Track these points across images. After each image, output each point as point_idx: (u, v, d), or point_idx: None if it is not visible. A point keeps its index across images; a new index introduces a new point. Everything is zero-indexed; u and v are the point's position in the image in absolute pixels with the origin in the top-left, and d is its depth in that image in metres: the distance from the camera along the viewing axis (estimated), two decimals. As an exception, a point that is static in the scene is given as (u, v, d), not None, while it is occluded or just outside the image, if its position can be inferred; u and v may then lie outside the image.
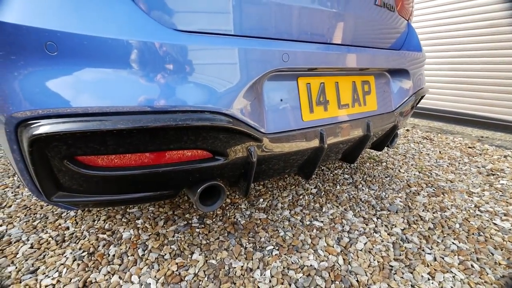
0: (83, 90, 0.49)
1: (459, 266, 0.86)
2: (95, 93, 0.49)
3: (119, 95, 0.49)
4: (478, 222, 1.09)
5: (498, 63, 2.43)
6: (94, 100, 0.49)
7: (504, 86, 2.41)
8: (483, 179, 1.50)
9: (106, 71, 0.49)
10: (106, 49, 0.48)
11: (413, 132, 2.57)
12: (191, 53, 0.53)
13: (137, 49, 0.50)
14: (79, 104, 0.48)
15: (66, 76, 0.47)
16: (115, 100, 0.49)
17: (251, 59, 0.58)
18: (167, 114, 0.50)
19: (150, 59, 0.50)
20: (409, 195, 1.31)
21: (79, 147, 0.51)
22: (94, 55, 0.48)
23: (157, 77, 0.51)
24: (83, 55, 0.47)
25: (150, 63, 0.50)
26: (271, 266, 0.84)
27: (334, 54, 0.75)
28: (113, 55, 0.49)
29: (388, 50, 0.98)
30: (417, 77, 1.11)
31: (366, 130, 0.91)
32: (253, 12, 0.61)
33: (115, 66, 0.49)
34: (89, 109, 0.49)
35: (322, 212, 1.14)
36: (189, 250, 0.90)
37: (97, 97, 0.49)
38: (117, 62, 0.49)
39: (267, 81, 0.67)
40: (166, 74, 0.51)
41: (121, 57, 0.49)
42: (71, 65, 0.47)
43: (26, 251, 0.89)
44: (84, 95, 0.49)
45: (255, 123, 0.63)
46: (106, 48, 0.48)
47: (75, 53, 0.46)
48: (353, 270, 0.83)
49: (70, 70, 0.47)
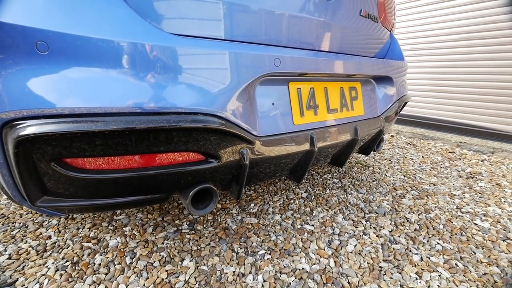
0: (73, 90, 0.48)
1: (444, 265, 0.89)
2: (85, 94, 0.48)
3: (110, 96, 0.48)
4: (460, 223, 1.14)
5: (475, 73, 2.59)
6: (84, 100, 0.48)
7: (480, 95, 2.57)
8: (463, 182, 1.58)
9: (97, 72, 0.49)
10: (98, 49, 0.48)
11: (398, 138, 2.67)
12: (184, 56, 0.53)
13: (129, 50, 0.50)
14: (68, 104, 0.48)
15: (56, 76, 0.46)
16: (106, 101, 0.48)
17: (244, 63, 0.59)
18: (159, 115, 0.50)
19: (142, 61, 0.50)
20: (395, 198, 1.35)
21: (67, 148, 0.50)
22: (86, 56, 0.47)
23: (149, 79, 0.51)
24: (75, 55, 0.47)
25: (142, 64, 0.50)
26: (263, 271, 0.83)
27: (323, 60, 0.78)
28: (105, 55, 0.49)
29: (374, 58, 1.03)
30: (400, 84, 1.16)
31: (354, 134, 0.94)
32: (246, 18, 0.62)
33: (107, 67, 0.49)
34: (78, 109, 0.48)
35: (313, 215, 1.16)
36: (179, 257, 0.88)
37: (87, 97, 0.49)
38: (109, 63, 0.49)
39: (259, 85, 0.68)
40: (158, 75, 0.51)
41: (113, 58, 0.49)
42: (61, 65, 0.47)
43: (4, 262, 0.84)
44: (74, 95, 0.48)
45: (248, 126, 0.64)
46: (98, 49, 0.48)
47: (66, 53, 0.46)
48: (344, 272, 0.84)
49: (61, 70, 0.46)
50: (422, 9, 2.90)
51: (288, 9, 0.71)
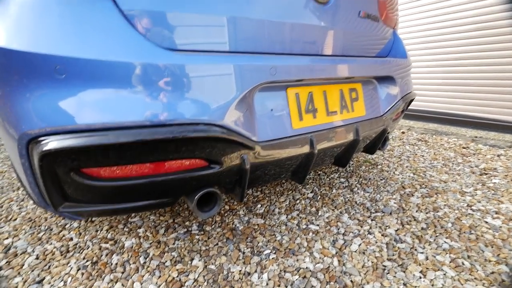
0: (87, 108, 0.54)
1: (450, 264, 0.89)
2: (98, 111, 0.54)
3: (120, 111, 0.54)
4: (469, 221, 1.12)
5: (490, 64, 2.49)
6: (97, 116, 0.54)
7: (496, 87, 2.47)
8: (476, 179, 1.54)
9: (108, 90, 0.54)
10: (107, 70, 0.53)
11: (409, 134, 2.61)
12: (185, 71, 0.58)
13: (135, 69, 0.55)
14: (84, 121, 0.53)
15: (73, 96, 0.52)
16: (116, 116, 0.54)
17: (240, 74, 0.63)
18: (164, 127, 0.55)
19: (147, 78, 0.55)
20: (403, 196, 1.34)
21: (84, 160, 0.56)
22: (97, 76, 0.53)
23: (155, 94, 0.55)
24: (88, 77, 0.52)
25: (147, 81, 0.55)
26: (268, 270, 0.87)
27: (321, 65, 0.81)
28: (114, 75, 0.54)
29: (375, 58, 1.04)
30: (403, 82, 1.16)
31: (355, 135, 0.95)
32: (240, 29, 0.66)
33: (116, 86, 0.54)
34: (93, 125, 0.53)
35: (318, 215, 1.18)
36: (189, 257, 0.94)
37: (100, 114, 0.54)
38: (117, 82, 0.54)
39: (258, 92, 0.72)
40: (163, 91, 0.56)
41: (121, 77, 0.54)
42: (77, 86, 0.52)
43: (32, 262, 0.92)
44: (89, 112, 0.54)
45: (247, 132, 0.67)
46: (107, 70, 0.53)
47: (80, 75, 0.51)
48: (347, 271, 0.86)
49: (76, 90, 0.52)
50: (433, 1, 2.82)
51: (283, 17, 0.74)
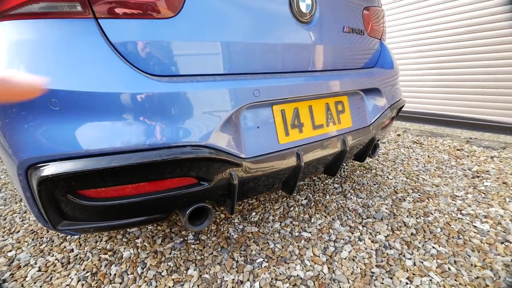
0: (81, 136, 0.58)
1: (436, 270, 0.92)
2: (91, 138, 0.58)
3: (111, 138, 0.58)
4: (458, 226, 1.15)
5: (484, 65, 2.52)
6: (91, 143, 0.58)
7: (491, 88, 2.50)
8: (468, 182, 1.56)
9: (99, 120, 0.58)
10: (97, 101, 0.57)
11: (404, 136, 2.64)
12: (170, 98, 0.62)
13: (123, 98, 0.59)
14: (79, 148, 0.57)
15: (67, 126, 0.56)
16: (108, 142, 0.58)
17: (224, 97, 0.66)
18: (153, 151, 0.59)
19: (135, 106, 0.59)
20: (395, 201, 1.37)
21: (80, 183, 0.60)
22: (88, 107, 0.57)
23: (142, 121, 0.59)
24: (80, 107, 0.56)
25: (135, 109, 0.59)
26: (260, 278, 0.90)
27: (306, 83, 0.84)
28: (103, 105, 0.58)
29: (361, 70, 1.07)
30: (390, 92, 1.19)
31: (343, 145, 0.99)
32: (225, 52, 0.70)
33: (106, 115, 0.58)
34: (87, 151, 0.58)
35: (311, 223, 1.21)
36: (185, 266, 0.97)
37: (93, 141, 0.58)
38: (107, 111, 0.58)
39: (244, 111, 0.75)
40: (150, 117, 0.60)
41: (110, 106, 0.58)
42: (71, 116, 0.56)
43: (35, 274, 0.97)
44: (83, 140, 0.58)
45: (234, 150, 0.71)
46: (97, 100, 0.57)
47: (73, 106, 0.55)
48: (337, 278, 0.89)
49: (71, 120, 0.56)
50: (425, 3, 2.85)
51: (266, 38, 0.78)
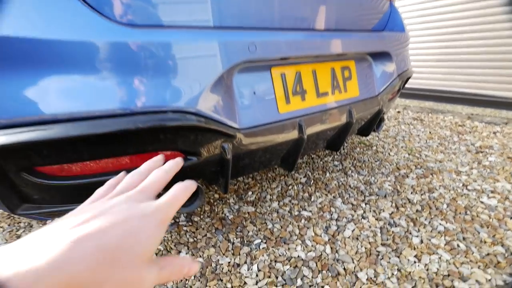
0: (34, 96, 0.46)
1: (445, 247, 0.87)
2: (46, 100, 0.46)
3: (71, 100, 0.46)
4: (465, 201, 1.10)
5: (486, 38, 2.39)
6: (47, 107, 0.46)
7: (493, 62, 2.39)
8: (472, 157, 1.51)
9: (56, 76, 0.46)
10: (52, 51, 0.44)
11: (404, 113, 2.56)
12: (148, 50, 0.49)
13: (87, 49, 0.46)
14: (30, 112, 0.45)
15: (14, 84, 0.43)
16: (66, 106, 0.46)
17: (214, 52, 0.54)
18: (126, 117, 0.47)
19: (102, 59, 0.46)
20: (398, 178, 1.31)
21: (35, 157, 0.48)
22: (42, 60, 0.44)
23: (112, 79, 0.47)
24: (30, 60, 0.44)
25: (102, 63, 0.46)
26: (258, 260, 0.84)
27: (309, 41, 0.72)
28: (63, 57, 0.45)
29: (370, 33, 0.94)
30: (400, 59, 1.07)
31: (349, 117, 0.88)
32: (212, 2, 0.56)
33: (66, 70, 0.46)
34: (42, 116, 0.46)
35: (311, 201, 1.14)
36: (176, 249, 0.90)
37: (49, 103, 0.46)
38: (68, 65, 0.46)
39: (238, 74, 0.63)
40: (122, 75, 0.48)
41: (71, 59, 0.46)
42: (18, 72, 0.44)
43: (10, 262, 0.88)
44: (35, 102, 0.46)
45: (227, 119, 0.60)
46: (52, 51, 0.44)
47: (22, 58, 0.43)
48: (340, 258, 0.83)
49: (18, 77, 0.44)
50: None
51: (265, -15, 0.64)
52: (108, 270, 0.16)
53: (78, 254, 0.15)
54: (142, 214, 0.19)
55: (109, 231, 0.17)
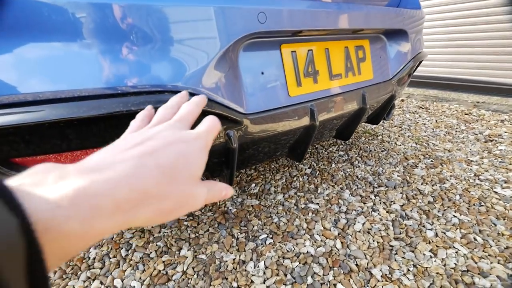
0: (10, 71, 0.38)
1: (461, 241, 0.82)
2: (30, 76, 0.38)
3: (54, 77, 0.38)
4: (478, 192, 1.05)
5: (493, 22, 2.30)
6: (26, 84, 0.38)
7: (499, 47, 2.31)
8: (481, 146, 1.45)
9: (42, 46, 0.38)
10: (33, 15, 0.36)
11: (408, 102, 2.49)
12: (139, 15, 0.41)
13: (71, 13, 0.38)
14: (8, 91, 0.37)
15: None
16: (45, 83, 0.38)
17: (217, 21, 0.46)
18: (114, 98, 0.40)
19: (81, 28, 0.38)
20: (406, 168, 1.25)
21: (15, 146, 0.41)
22: (17, 23, 0.36)
23: (98, 50, 0.39)
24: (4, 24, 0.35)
25: (82, 33, 0.38)
26: (265, 257, 0.78)
27: (323, 12, 0.63)
28: (46, 22, 0.37)
29: (385, 8, 0.86)
30: (416, 38, 0.99)
31: (362, 102, 0.81)
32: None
33: (50, 38, 0.38)
34: (22, 96, 0.38)
35: (318, 193, 1.08)
36: (177, 246, 0.84)
37: (33, 80, 0.38)
38: (51, 32, 0.37)
39: (243, 51, 0.55)
40: (108, 45, 0.40)
41: (54, 25, 0.37)
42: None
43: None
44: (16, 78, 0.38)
45: (232, 103, 0.52)
46: (33, 14, 0.36)
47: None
48: (352, 254, 0.78)
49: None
50: None
51: None
52: (167, 186, 0.17)
53: (143, 170, 0.16)
54: (186, 139, 0.19)
55: (162, 152, 0.18)
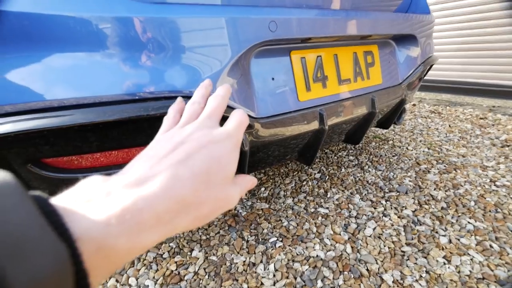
0: (40, 80, 0.41)
1: (476, 247, 0.80)
2: (59, 84, 0.42)
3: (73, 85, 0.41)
4: (494, 198, 1.02)
5: (507, 24, 2.24)
6: (53, 92, 0.42)
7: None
8: (498, 151, 1.41)
9: (68, 56, 0.42)
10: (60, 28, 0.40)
11: (420, 106, 2.45)
12: (160, 28, 0.44)
13: (94, 26, 0.41)
14: (37, 98, 0.41)
15: (24, 66, 0.39)
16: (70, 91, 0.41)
17: (231, 31, 0.49)
18: (135, 103, 0.43)
19: (106, 39, 0.42)
20: (418, 173, 1.23)
21: (44, 147, 0.44)
22: (53, 38, 0.40)
23: (119, 60, 0.43)
24: (32, 38, 0.39)
25: (106, 43, 0.42)
26: (274, 260, 0.79)
27: (331, 19, 0.65)
28: (71, 35, 0.41)
29: (393, 14, 0.87)
30: (425, 43, 0.99)
31: (371, 107, 0.82)
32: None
33: (75, 49, 0.41)
34: (49, 103, 0.42)
35: (327, 197, 1.08)
36: (189, 247, 0.86)
37: (61, 87, 0.42)
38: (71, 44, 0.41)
39: (255, 58, 0.58)
40: (129, 55, 0.43)
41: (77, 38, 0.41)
42: (25, 52, 0.40)
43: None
44: (46, 86, 0.42)
45: (244, 107, 0.55)
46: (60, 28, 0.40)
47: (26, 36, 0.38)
48: (363, 259, 0.78)
49: (27, 58, 0.40)
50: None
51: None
52: (204, 192, 0.18)
53: (178, 180, 0.17)
54: (218, 140, 0.20)
55: (196, 157, 0.18)
